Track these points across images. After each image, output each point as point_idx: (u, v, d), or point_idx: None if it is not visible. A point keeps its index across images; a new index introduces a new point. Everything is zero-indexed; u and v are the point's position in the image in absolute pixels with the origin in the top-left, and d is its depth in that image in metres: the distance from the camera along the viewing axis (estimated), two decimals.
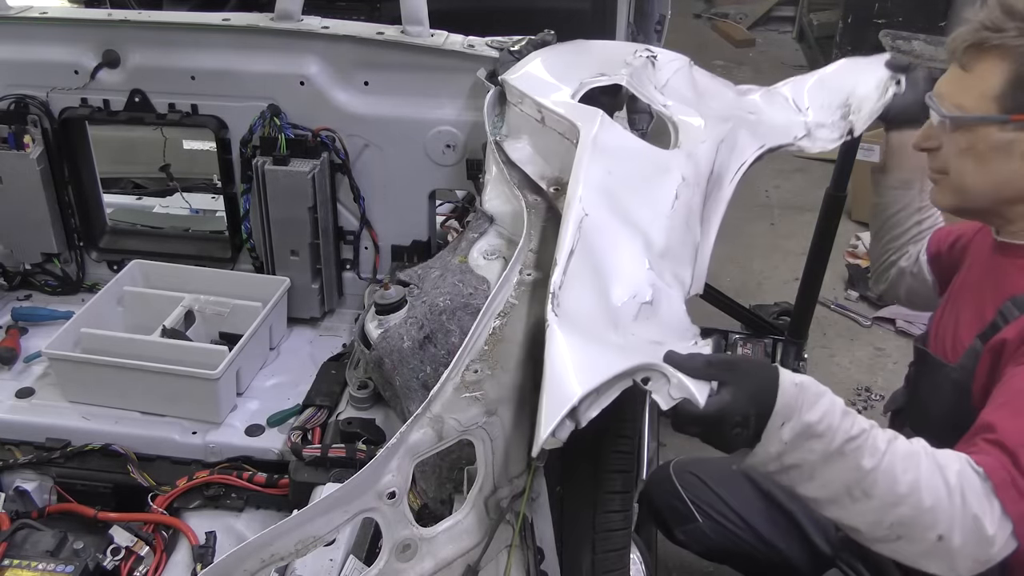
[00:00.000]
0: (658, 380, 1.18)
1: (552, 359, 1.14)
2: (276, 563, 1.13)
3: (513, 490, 1.32)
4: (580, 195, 1.40)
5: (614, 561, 1.73)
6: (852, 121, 1.93)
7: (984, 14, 1.43)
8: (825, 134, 1.94)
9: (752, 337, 2.91)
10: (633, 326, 1.27)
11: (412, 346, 1.53)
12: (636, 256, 1.39)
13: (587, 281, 1.29)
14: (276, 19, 2.03)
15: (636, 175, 1.55)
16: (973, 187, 1.50)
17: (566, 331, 1.18)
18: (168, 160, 3.07)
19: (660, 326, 1.29)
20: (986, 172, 1.47)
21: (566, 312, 1.21)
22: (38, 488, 1.78)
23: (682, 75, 1.88)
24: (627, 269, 1.36)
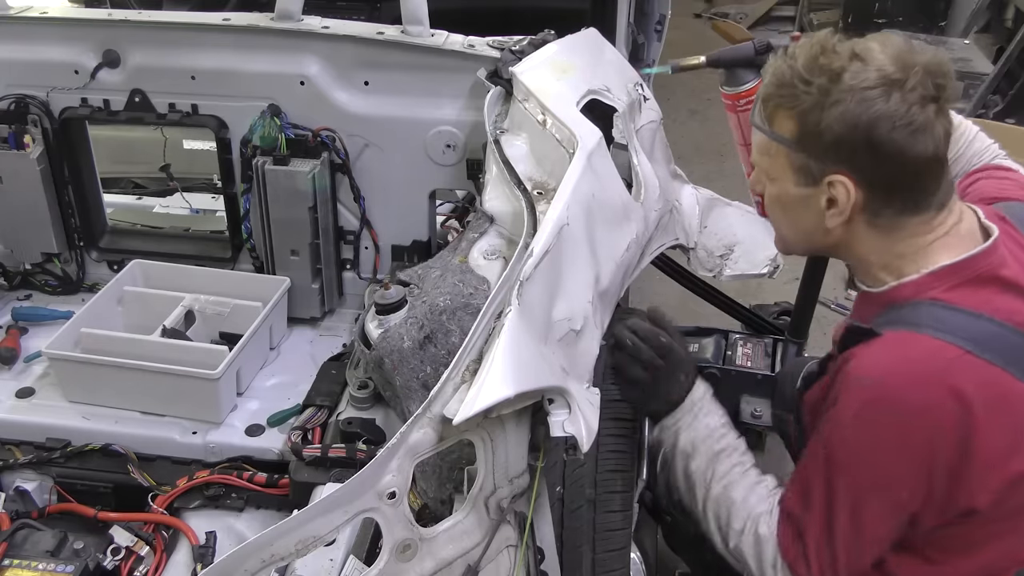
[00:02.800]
0: (560, 407, 1.24)
1: (501, 346, 1.17)
2: (276, 563, 1.13)
3: (513, 490, 1.32)
4: (567, 202, 1.42)
5: (614, 561, 1.73)
6: (725, 265, 2.09)
7: (772, 71, 1.43)
8: (703, 257, 2.15)
9: (752, 337, 2.90)
10: (555, 346, 1.33)
11: (412, 346, 1.53)
12: (586, 285, 1.45)
13: (546, 285, 1.33)
14: (276, 19, 2.03)
15: (610, 210, 1.61)
16: (787, 236, 1.55)
17: (520, 324, 1.22)
18: (168, 160, 3.06)
19: (571, 358, 1.36)
20: (792, 223, 1.49)
21: (525, 306, 1.25)
22: (38, 488, 1.78)
23: (651, 129, 2.00)
24: (575, 292, 1.41)
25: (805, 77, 1.35)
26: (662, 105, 2.13)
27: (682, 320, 3.28)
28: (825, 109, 1.33)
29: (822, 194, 1.39)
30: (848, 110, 1.31)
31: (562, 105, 1.68)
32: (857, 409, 1.36)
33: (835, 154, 1.35)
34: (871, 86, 1.31)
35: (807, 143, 1.37)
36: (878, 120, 1.30)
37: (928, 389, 1.32)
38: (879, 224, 1.40)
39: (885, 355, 1.36)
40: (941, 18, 5.66)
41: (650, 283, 3.32)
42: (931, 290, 1.38)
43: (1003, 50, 4.64)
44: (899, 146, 1.31)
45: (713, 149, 4.61)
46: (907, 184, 1.36)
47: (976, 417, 1.31)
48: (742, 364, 2.77)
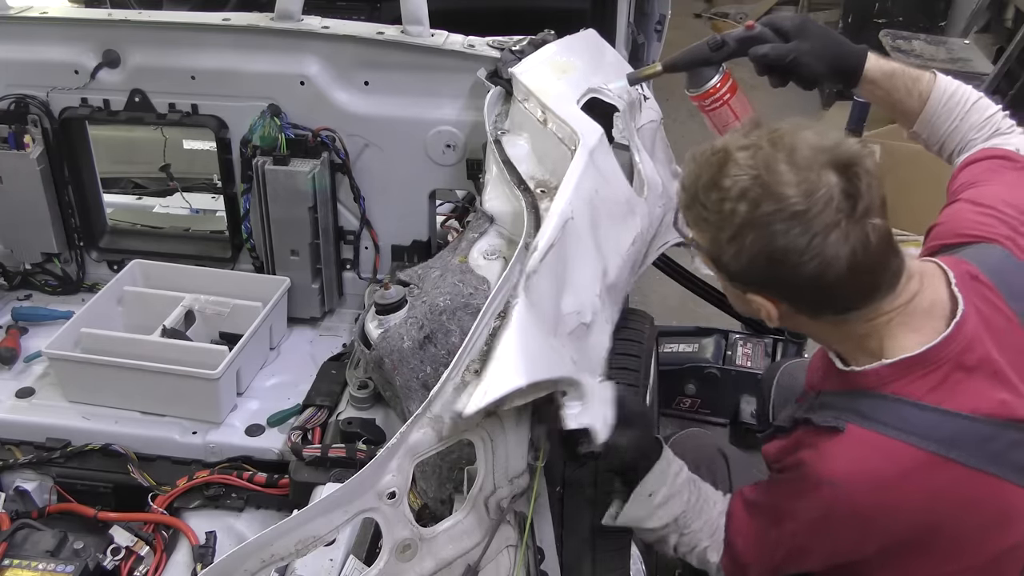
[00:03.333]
0: (574, 399, 1.24)
1: (508, 337, 1.17)
2: (276, 563, 1.13)
3: (513, 490, 1.32)
4: (570, 197, 1.42)
5: (614, 561, 1.73)
6: None
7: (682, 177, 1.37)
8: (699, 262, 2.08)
9: (752, 337, 2.90)
10: (565, 339, 1.33)
11: (412, 346, 1.53)
12: (594, 279, 1.45)
13: (553, 278, 1.33)
14: (276, 19, 2.03)
15: (613, 205, 1.60)
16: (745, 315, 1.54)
17: (528, 316, 1.21)
18: (168, 160, 3.06)
19: (581, 352, 1.36)
20: (743, 309, 1.45)
21: (533, 299, 1.24)
22: (38, 488, 1.78)
23: (651, 128, 1.99)
24: (583, 285, 1.41)
25: (702, 199, 1.29)
26: (662, 105, 2.13)
27: (682, 320, 3.30)
28: (724, 244, 1.27)
29: (753, 301, 1.35)
30: (744, 246, 1.25)
31: (562, 103, 1.68)
32: (818, 512, 1.36)
33: (749, 279, 1.31)
34: (767, 223, 1.22)
35: (719, 265, 1.33)
36: (777, 256, 1.23)
37: (889, 494, 1.31)
38: (824, 320, 1.35)
39: (847, 457, 1.32)
40: (941, 18, 5.65)
41: (650, 283, 3.32)
42: (894, 383, 1.32)
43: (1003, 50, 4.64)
44: (807, 276, 1.24)
45: None
46: (832, 299, 1.30)
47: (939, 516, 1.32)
48: (742, 364, 2.78)
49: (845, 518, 1.34)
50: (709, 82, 1.69)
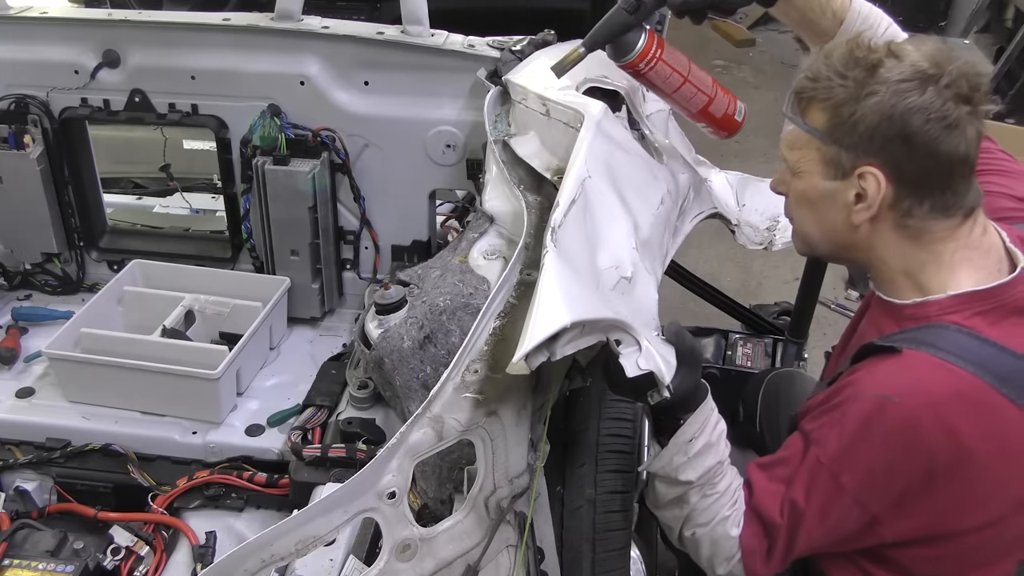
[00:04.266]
0: (630, 346, 1.22)
1: (546, 282, 1.14)
2: (276, 563, 1.13)
3: (513, 490, 1.32)
4: (584, 158, 1.40)
5: (614, 561, 1.73)
6: (775, 236, 2.03)
7: (807, 64, 1.43)
8: (749, 233, 2.09)
9: (752, 337, 2.90)
10: (610, 294, 1.28)
11: (412, 346, 1.53)
12: (625, 233, 1.40)
13: (582, 234, 1.30)
14: (276, 19, 2.03)
15: (632, 167, 1.57)
16: (811, 235, 1.51)
17: (561, 266, 1.19)
18: (168, 160, 3.07)
19: (631, 306, 1.31)
20: (817, 220, 1.47)
21: (562, 249, 1.22)
22: (38, 488, 1.78)
23: (662, 116, 1.95)
24: (616, 240, 1.37)
25: (840, 71, 1.35)
26: None
27: (682, 320, 3.29)
28: (860, 100, 1.33)
29: (851, 188, 1.37)
30: (883, 100, 1.31)
31: (561, 91, 1.67)
32: (864, 419, 1.34)
33: (867, 145, 1.34)
34: (907, 78, 1.31)
35: (839, 134, 1.36)
36: (913, 111, 1.30)
37: (940, 411, 1.30)
38: (907, 226, 1.38)
39: (903, 374, 1.34)
40: (941, 18, 5.65)
41: None
42: (955, 313, 1.35)
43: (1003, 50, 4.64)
44: (932, 139, 1.30)
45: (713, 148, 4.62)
46: (937, 182, 1.35)
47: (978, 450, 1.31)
48: (742, 364, 2.78)
49: (892, 430, 1.32)
50: (637, 45, 1.63)
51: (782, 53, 6.97)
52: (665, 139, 1.92)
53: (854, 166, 1.36)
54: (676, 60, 1.68)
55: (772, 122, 5.64)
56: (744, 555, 1.45)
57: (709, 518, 1.47)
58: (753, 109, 1.85)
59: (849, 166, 1.37)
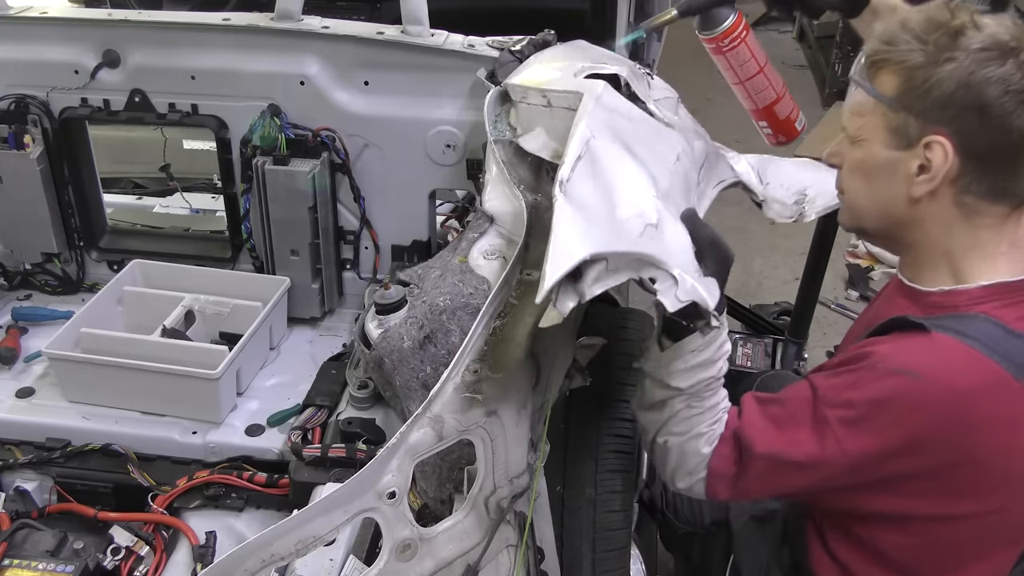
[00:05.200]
0: (665, 281, 1.18)
1: (558, 226, 1.10)
2: (276, 563, 1.14)
3: (513, 490, 1.32)
4: (586, 123, 1.36)
5: (614, 561, 1.74)
6: (805, 208, 2.03)
7: (879, 30, 1.41)
8: (778, 209, 2.07)
9: (752, 337, 2.90)
10: (638, 241, 1.22)
11: (412, 346, 1.53)
12: (643, 183, 1.35)
13: (594, 188, 1.25)
14: (276, 19, 2.03)
15: (639, 128, 1.53)
16: (863, 208, 1.48)
17: (574, 208, 1.15)
18: (168, 160, 3.07)
19: (664, 250, 1.25)
20: (873, 191, 1.44)
21: (573, 198, 1.18)
22: (38, 488, 1.78)
23: (671, 102, 1.92)
24: (634, 191, 1.31)
25: (920, 35, 1.33)
26: None
27: None
28: (938, 65, 1.30)
29: (914, 158, 1.34)
30: (962, 67, 1.29)
31: (560, 80, 1.67)
32: (883, 391, 1.32)
33: (939, 112, 1.31)
34: (987, 47, 1.29)
35: (911, 100, 1.33)
36: (991, 81, 1.28)
37: (964, 403, 1.30)
38: (963, 203, 1.36)
39: (931, 355, 1.32)
40: None
41: None
42: (984, 304, 1.34)
43: None
44: (1008, 113, 1.28)
45: None
46: (1004, 160, 1.32)
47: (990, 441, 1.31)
48: (742, 364, 2.78)
49: (909, 408, 1.30)
50: (726, 21, 1.66)
51: (782, 53, 6.97)
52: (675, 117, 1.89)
53: (921, 135, 1.33)
54: (757, 50, 1.70)
55: None
56: (710, 475, 1.44)
57: (686, 429, 1.44)
58: None
59: (916, 135, 1.34)
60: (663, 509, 2.07)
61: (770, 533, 1.81)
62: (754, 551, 1.81)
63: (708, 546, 1.98)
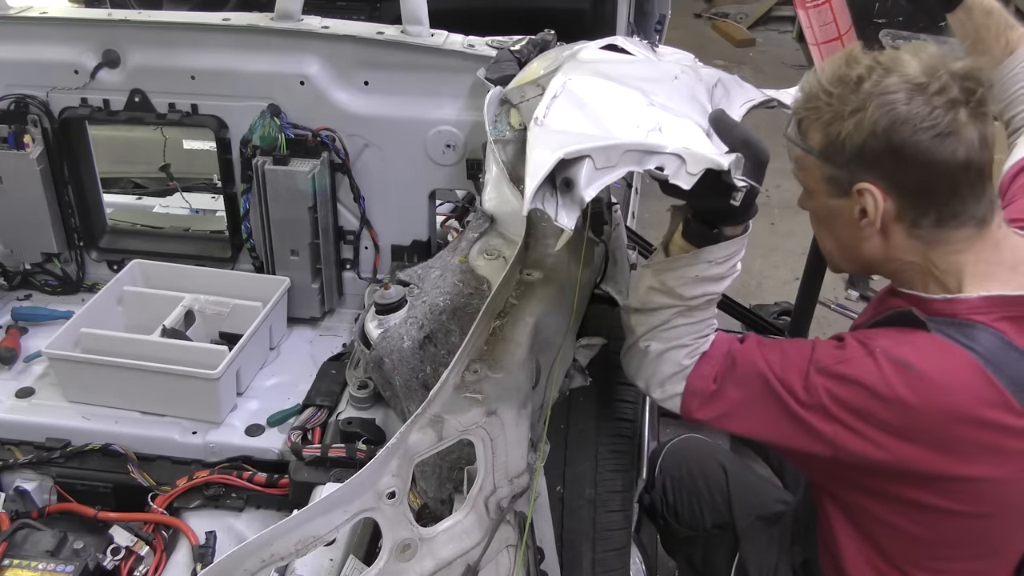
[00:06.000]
0: (672, 163, 1.16)
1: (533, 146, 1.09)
2: (276, 563, 1.13)
3: (513, 490, 1.32)
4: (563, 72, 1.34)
5: (614, 561, 1.74)
6: None
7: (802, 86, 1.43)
8: None
9: None
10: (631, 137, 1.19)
11: (412, 346, 1.53)
12: (636, 102, 1.31)
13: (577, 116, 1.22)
14: (276, 19, 2.03)
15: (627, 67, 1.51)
16: (834, 254, 1.50)
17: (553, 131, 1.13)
18: (168, 160, 3.07)
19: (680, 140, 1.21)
20: (836, 238, 1.46)
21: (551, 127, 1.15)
22: (38, 488, 1.78)
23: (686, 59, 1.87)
24: (626, 110, 1.28)
25: (827, 88, 1.35)
26: None
27: None
28: (845, 118, 1.32)
29: (854, 204, 1.36)
30: (866, 116, 1.30)
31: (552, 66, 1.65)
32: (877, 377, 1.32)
33: (859, 162, 1.33)
34: (892, 91, 1.29)
35: (832, 153, 1.35)
36: (898, 123, 1.28)
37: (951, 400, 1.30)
38: (920, 236, 1.36)
39: (931, 354, 1.32)
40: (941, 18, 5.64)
41: None
42: (984, 315, 1.34)
43: None
44: (923, 149, 1.28)
45: None
46: (939, 192, 1.32)
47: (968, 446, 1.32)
48: None
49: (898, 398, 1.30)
50: None
51: (782, 53, 6.98)
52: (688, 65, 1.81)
53: (851, 183, 1.35)
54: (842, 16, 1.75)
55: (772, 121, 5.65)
56: (687, 390, 1.46)
57: (671, 338, 1.45)
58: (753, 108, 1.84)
59: (847, 184, 1.36)
60: (664, 514, 2.07)
61: (778, 533, 1.82)
62: (763, 550, 1.82)
63: (711, 549, 1.98)
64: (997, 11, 1.70)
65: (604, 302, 2.01)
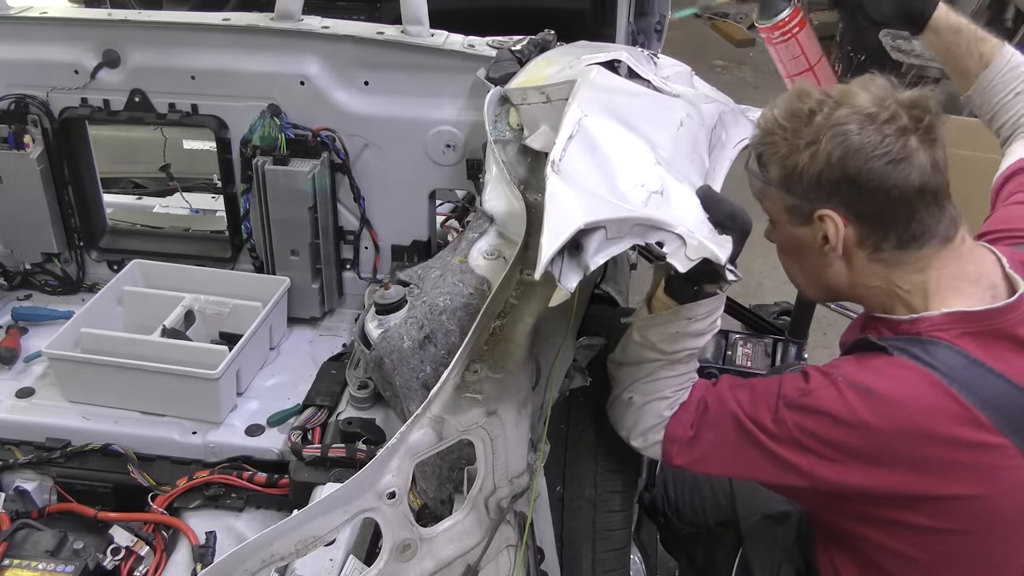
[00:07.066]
0: (673, 242, 1.19)
1: (552, 200, 1.10)
2: (276, 563, 1.13)
3: (513, 490, 1.32)
4: (578, 103, 1.36)
5: (614, 561, 1.74)
6: None
7: (759, 122, 1.46)
8: None
9: (752, 337, 2.90)
10: (644, 210, 1.22)
11: (412, 346, 1.53)
12: (641, 153, 1.35)
13: (590, 164, 1.24)
14: (276, 19, 2.03)
15: (637, 103, 1.53)
16: (799, 282, 1.54)
17: (569, 183, 1.14)
18: (168, 160, 3.07)
19: (673, 215, 1.24)
20: (801, 267, 1.50)
21: (568, 174, 1.17)
22: (38, 488, 1.78)
23: (683, 75, 1.89)
24: (633, 161, 1.31)
25: (781, 123, 1.38)
26: None
27: None
28: (800, 152, 1.35)
29: (816, 231, 1.40)
30: (821, 148, 1.33)
31: (557, 75, 1.66)
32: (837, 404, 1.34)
33: (817, 191, 1.36)
34: (843, 122, 1.32)
35: (791, 185, 1.39)
36: (851, 152, 1.31)
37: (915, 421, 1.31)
38: (882, 259, 1.39)
39: (890, 375, 1.34)
40: None
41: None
42: (946, 331, 1.35)
43: None
44: (877, 176, 1.31)
45: None
46: (897, 216, 1.35)
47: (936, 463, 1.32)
48: (742, 364, 2.77)
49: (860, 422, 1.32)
50: (780, 14, 1.74)
51: None
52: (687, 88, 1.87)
53: (812, 211, 1.38)
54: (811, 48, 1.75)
55: None
56: (666, 438, 1.51)
57: (653, 390, 1.50)
58: None
59: (808, 212, 1.39)
60: (665, 511, 2.07)
61: (783, 533, 1.82)
62: (767, 549, 1.82)
63: (713, 547, 1.98)
64: (965, 27, 1.71)
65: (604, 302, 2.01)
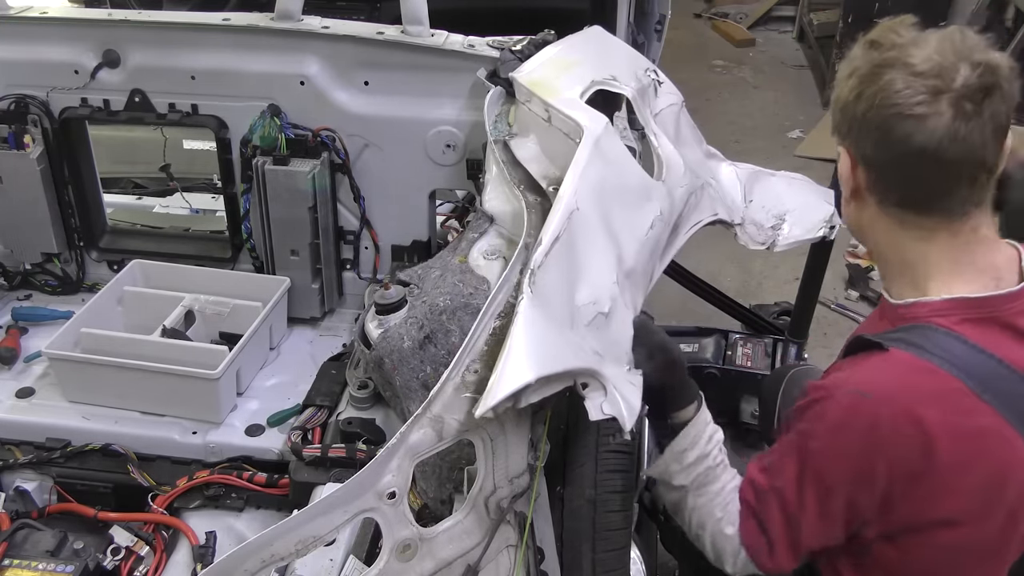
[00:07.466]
0: (596, 390, 1.24)
1: (517, 334, 1.17)
2: (276, 563, 1.14)
3: (513, 490, 1.32)
4: (576, 188, 1.41)
5: (614, 561, 1.73)
6: (777, 235, 2.06)
7: None
8: (752, 232, 2.10)
9: (752, 337, 2.90)
10: (584, 331, 1.32)
11: (412, 346, 1.53)
12: (608, 266, 1.43)
13: (563, 271, 1.32)
14: (276, 19, 2.03)
15: (625, 191, 1.59)
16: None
17: (535, 311, 1.21)
18: (168, 160, 3.07)
19: (605, 342, 1.35)
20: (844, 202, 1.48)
21: (539, 292, 1.24)
22: (38, 488, 1.78)
23: (672, 112, 1.95)
24: (597, 274, 1.40)
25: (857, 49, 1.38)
26: None
27: (682, 320, 3.30)
28: (846, 79, 1.36)
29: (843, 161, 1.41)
30: (850, 85, 1.34)
31: (565, 98, 1.68)
32: (841, 416, 1.34)
33: (838, 126, 1.39)
34: (885, 63, 1.30)
35: (833, 107, 1.41)
36: (866, 94, 1.30)
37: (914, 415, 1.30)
38: (889, 213, 1.38)
39: (884, 373, 1.34)
40: (941, 18, 5.65)
41: None
42: (944, 316, 1.34)
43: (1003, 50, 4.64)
44: (879, 124, 1.29)
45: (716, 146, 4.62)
46: (898, 174, 1.33)
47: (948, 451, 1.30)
48: (742, 364, 2.78)
49: (864, 428, 1.32)
50: None
51: (782, 53, 6.97)
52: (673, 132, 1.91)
53: (839, 144, 1.41)
54: None
55: (772, 121, 5.64)
56: (748, 551, 1.47)
57: (704, 519, 1.51)
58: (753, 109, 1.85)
59: (838, 145, 1.42)
60: (665, 511, 2.07)
61: None
62: None
63: None
64: None
65: None
